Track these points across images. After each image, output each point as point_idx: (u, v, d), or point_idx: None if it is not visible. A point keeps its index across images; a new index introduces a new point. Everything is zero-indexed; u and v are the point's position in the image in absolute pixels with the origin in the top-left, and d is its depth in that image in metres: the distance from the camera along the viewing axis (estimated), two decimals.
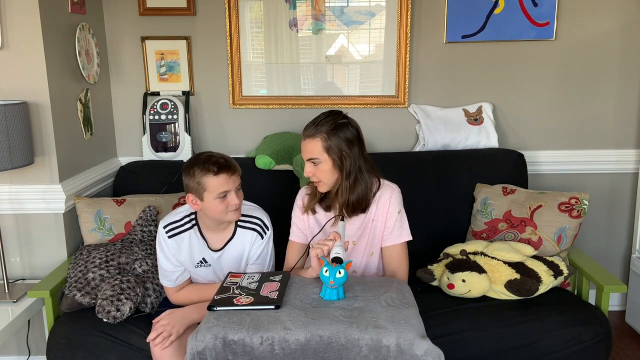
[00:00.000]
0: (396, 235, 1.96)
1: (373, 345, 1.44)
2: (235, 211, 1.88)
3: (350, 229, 1.95)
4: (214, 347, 1.46)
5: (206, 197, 1.83)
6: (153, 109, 2.74)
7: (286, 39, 2.82)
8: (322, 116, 1.87)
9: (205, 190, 1.82)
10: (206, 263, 2.00)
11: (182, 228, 1.96)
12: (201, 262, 1.99)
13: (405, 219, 1.99)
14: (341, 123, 1.85)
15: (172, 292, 2.02)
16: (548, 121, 2.86)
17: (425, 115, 2.82)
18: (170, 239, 1.94)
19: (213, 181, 1.81)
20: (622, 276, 2.98)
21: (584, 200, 2.32)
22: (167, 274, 1.98)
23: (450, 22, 2.76)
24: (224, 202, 1.84)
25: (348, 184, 1.87)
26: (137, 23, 2.80)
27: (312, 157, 1.84)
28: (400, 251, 1.98)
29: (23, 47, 2.21)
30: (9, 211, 2.33)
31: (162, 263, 1.98)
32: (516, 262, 2.14)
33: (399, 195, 1.98)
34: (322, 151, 1.83)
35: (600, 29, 2.77)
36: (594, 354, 2.02)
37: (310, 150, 1.84)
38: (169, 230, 1.95)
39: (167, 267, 1.97)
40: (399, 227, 1.96)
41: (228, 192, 1.83)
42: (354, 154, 1.86)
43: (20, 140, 2.09)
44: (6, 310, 2.11)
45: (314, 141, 1.83)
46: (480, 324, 2.01)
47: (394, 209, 1.94)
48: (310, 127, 1.85)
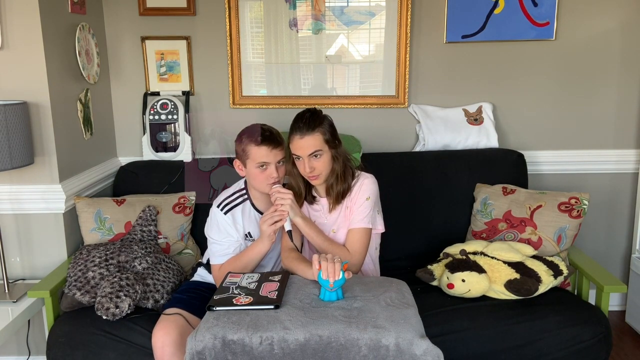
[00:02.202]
0: (358, 219, 2.00)
1: (372, 345, 1.44)
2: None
3: (330, 219, 2.06)
4: (213, 347, 1.46)
5: (248, 164, 1.98)
6: (153, 109, 2.74)
7: (286, 39, 2.82)
8: (308, 114, 1.96)
9: (248, 158, 1.97)
10: (251, 238, 2.07)
11: (235, 202, 2.08)
12: (247, 236, 2.07)
13: (373, 208, 2.02)
14: (326, 117, 2.00)
15: (217, 268, 2.06)
16: (548, 121, 2.86)
17: (425, 115, 2.82)
18: (227, 215, 2.04)
19: (255, 150, 1.94)
20: (622, 276, 2.98)
21: (584, 200, 2.32)
22: (223, 249, 2.04)
23: (450, 22, 2.76)
24: (264, 173, 1.96)
25: (342, 171, 2.00)
26: (137, 23, 2.80)
27: (316, 149, 1.92)
28: (359, 237, 1.99)
29: (23, 47, 2.21)
30: (9, 211, 2.33)
31: (217, 241, 2.05)
32: (516, 262, 2.14)
33: (372, 185, 2.04)
34: (323, 143, 1.94)
35: (600, 29, 2.76)
36: (593, 353, 2.02)
37: (312, 145, 1.92)
38: (223, 207, 2.05)
39: (223, 243, 2.04)
40: (362, 212, 1.99)
41: (268, 164, 1.95)
42: (341, 145, 2.02)
43: (20, 140, 2.09)
44: (6, 310, 2.11)
45: (314, 136, 1.92)
46: (480, 324, 2.01)
47: (363, 195, 2.01)
48: (302, 126, 1.92)
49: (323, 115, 1.99)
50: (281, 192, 1.91)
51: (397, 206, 2.51)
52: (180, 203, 2.47)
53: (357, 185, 2.04)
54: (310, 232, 1.95)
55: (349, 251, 1.98)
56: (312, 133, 1.91)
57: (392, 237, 2.22)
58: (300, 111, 2.00)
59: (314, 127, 1.92)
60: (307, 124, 1.92)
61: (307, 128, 1.91)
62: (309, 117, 1.94)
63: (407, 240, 2.54)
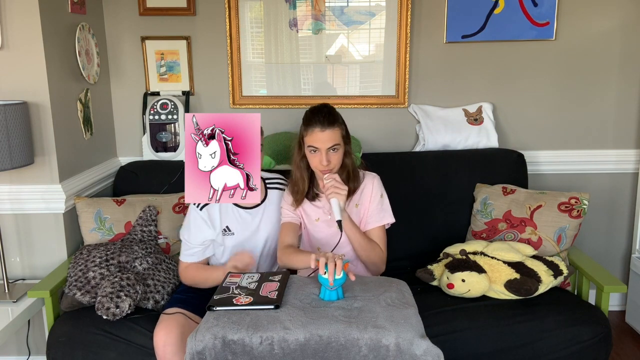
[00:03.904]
0: (379, 217, 2.07)
1: (372, 345, 1.44)
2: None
3: None
4: (213, 347, 1.46)
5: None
6: (153, 109, 2.74)
7: (286, 39, 2.82)
8: (325, 109, 1.98)
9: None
10: (229, 232, 2.06)
11: None
12: (225, 230, 2.07)
13: (387, 202, 2.11)
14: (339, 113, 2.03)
15: (183, 267, 2.12)
16: (548, 121, 2.86)
17: (425, 115, 2.82)
18: (202, 210, 2.05)
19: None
20: (622, 276, 2.98)
21: (584, 200, 2.32)
22: (188, 250, 2.10)
23: (450, 22, 2.76)
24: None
25: (353, 169, 2.05)
26: (137, 23, 2.80)
27: (335, 143, 1.95)
28: (382, 233, 2.09)
29: (23, 47, 2.21)
30: (9, 211, 2.33)
31: (186, 240, 2.09)
32: (516, 262, 2.14)
33: (380, 181, 2.12)
34: (341, 138, 1.98)
35: (600, 29, 2.77)
36: (593, 353, 2.02)
37: (332, 138, 1.94)
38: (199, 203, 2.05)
39: (190, 243, 2.08)
40: (380, 209, 2.07)
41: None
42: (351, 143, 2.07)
43: (20, 140, 2.09)
44: (6, 310, 2.11)
45: (335, 130, 1.95)
46: (480, 324, 2.01)
47: (377, 193, 2.08)
48: (322, 119, 1.94)
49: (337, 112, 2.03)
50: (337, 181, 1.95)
51: (397, 206, 2.49)
52: (180, 203, 2.47)
53: (369, 184, 2.08)
54: (354, 228, 1.99)
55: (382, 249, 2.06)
56: (332, 127, 1.94)
57: (392, 237, 2.22)
58: (313, 106, 2.01)
59: (334, 121, 1.95)
60: (327, 118, 1.94)
61: (329, 122, 1.94)
62: (328, 112, 1.96)
63: (407, 240, 2.54)
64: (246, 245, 2.10)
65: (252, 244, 2.11)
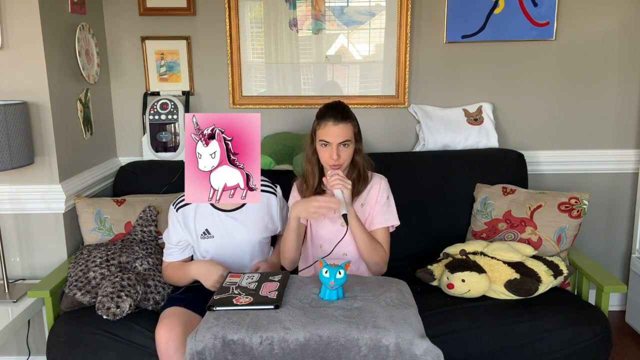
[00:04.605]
0: (384, 219, 2.07)
1: (372, 345, 1.44)
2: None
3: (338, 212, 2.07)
4: (213, 347, 1.46)
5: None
6: (153, 109, 2.74)
7: (286, 39, 2.82)
8: (340, 105, 2.01)
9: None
10: (209, 235, 2.06)
11: None
12: (205, 234, 2.06)
13: (393, 204, 2.11)
14: None
15: (164, 266, 2.15)
16: (548, 121, 2.86)
17: (425, 115, 2.82)
18: (178, 212, 2.06)
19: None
20: (622, 276, 2.98)
21: (584, 200, 2.32)
22: (167, 249, 2.13)
23: (450, 22, 2.76)
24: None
25: (364, 167, 2.06)
26: (137, 23, 2.80)
27: (346, 139, 1.96)
28: (386, 235, 2.09)
29: (23, 47, 2.21)
30: (9, 211, 2.33)
31: (167, 236, 2.11)
32: (516, 262, 2.14)
33: (387, 184, 2.12)
34: (352, 134, 1.99)
35: (600, 29, 2.77)
36: (593, 353, 2.01)
37: (344, 134, 1.95)
38: (177, 204, 2.08)
39: (168, 243, 2.11)
40: (386, 211, 2.07)
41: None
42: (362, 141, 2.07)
43: (20, 140, 2.09)
44: (6, 310, 2.11)
45: (347, 125, 1.96)
46: (480, 324, 2.01)
47: (384, 195, 2.08)
48: (336, 114, 1.96)
49: None
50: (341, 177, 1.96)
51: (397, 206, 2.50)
52: None
53: (376, 185, 2.08)
54: (359, 224, 1.99)
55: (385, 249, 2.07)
56: (345, 122, 1.95)
57: (392, 237, 2.22)
58: (327, 102, 2.03)
59: (347, 117, 1.97)
60: (341, 113, 1.96)
61: (342, 117, 1.95)
62: (342, 108, 1.99)
63: (407, 240, 2.53)
64: (226, 248, 2.08)
65: (233, 247, 2.09)
